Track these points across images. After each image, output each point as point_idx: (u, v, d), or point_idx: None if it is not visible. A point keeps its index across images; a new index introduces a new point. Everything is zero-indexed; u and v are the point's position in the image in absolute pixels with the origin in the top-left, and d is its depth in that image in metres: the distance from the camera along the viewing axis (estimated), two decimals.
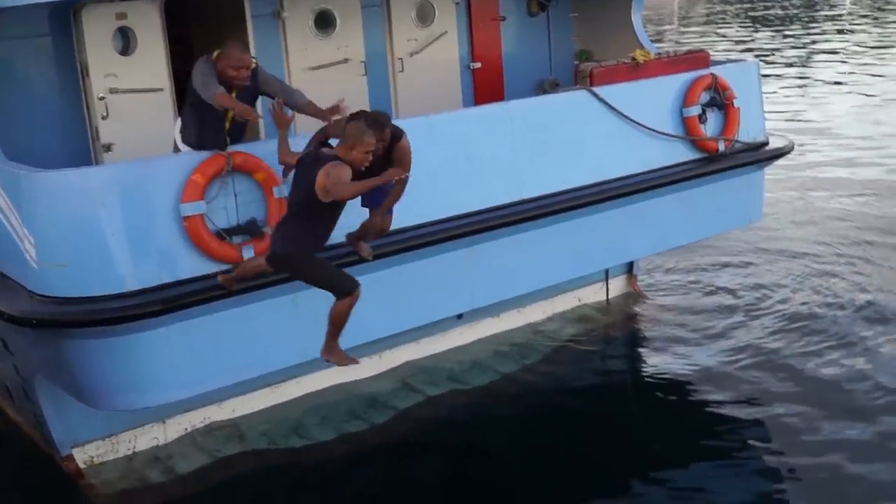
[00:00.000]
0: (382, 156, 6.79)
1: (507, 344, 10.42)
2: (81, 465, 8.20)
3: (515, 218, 8.41)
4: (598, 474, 8.05)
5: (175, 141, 7.41)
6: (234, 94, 6.96)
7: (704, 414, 9.18)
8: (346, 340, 8.14)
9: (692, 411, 9.29)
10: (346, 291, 6.45)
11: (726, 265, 12.73)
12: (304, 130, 7.53)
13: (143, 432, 8.36)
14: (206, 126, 7.08)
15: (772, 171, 11.70)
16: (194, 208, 6.97)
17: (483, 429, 8.93)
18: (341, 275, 6.55)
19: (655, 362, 10.27)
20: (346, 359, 6.91)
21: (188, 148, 7.24)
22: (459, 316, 9.95)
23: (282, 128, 6.75)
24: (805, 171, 17.73)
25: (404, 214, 7.96)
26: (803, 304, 11.33)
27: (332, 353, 6.83)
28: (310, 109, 7.28)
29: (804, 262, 12.71)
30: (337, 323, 6.62)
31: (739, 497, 7.77)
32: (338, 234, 6.97)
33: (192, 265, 7.07)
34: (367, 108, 9.79)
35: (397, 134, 6.88)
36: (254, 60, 7.20)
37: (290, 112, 6.96)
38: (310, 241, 6.44)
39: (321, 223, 6.45)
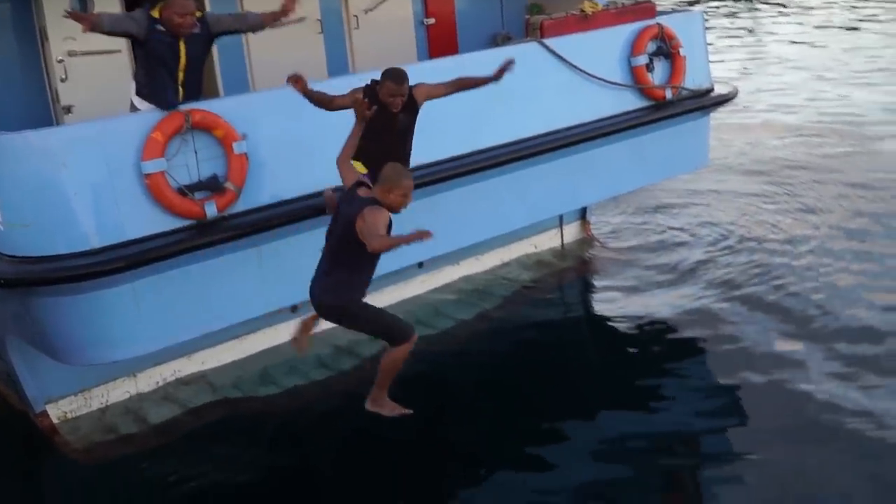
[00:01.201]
0: (403, 109, 6.66)
1: (466, 290, 10.41)
2: (55, 421, 8.10)
3: (471, 168, 8.35)
4: (554, 411, 8.04)
5: (132, 101, 7.25)
6: (182, 43, 6.80)
7: (657, 350, 9.25)
8: (306, 292, 8.14)
9: (645, 348, 9.36)
10: (403, 338, 5.89)
11: (677, 209, 12.77)
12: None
13: (115, 386, 8.26)
14: (158, 81, 6.93)
15: (718, 118, 11.72)
16: (155, 166, 6.83)
17: (445, 372, 8.92)
18: (398, 321, 5.96)
19: (609, 303, 10.30)
20: (396, 409, 6.24)
21: (146, 104, 7.08)
22: (420, 265, 9.93)
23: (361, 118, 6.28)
24: (750, 118, 17.80)
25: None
26: (753, 241, 11.41)
27: (382, 405, 6.23)
28: (268, 19, 7.13)
29: (752, 203, 12.79)
30: (390, 372, 6.02)
31: (698, 425, 7.89)
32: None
33: (155, 222, 6.94)
34: (325, 66, 9.75)
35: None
36: (198, 11, 6.95)
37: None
38: (359, 287, 5.89)
39: (368, 267, 5.92)
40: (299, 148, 7.61)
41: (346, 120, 7.03)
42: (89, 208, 6.76)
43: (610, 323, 9.95)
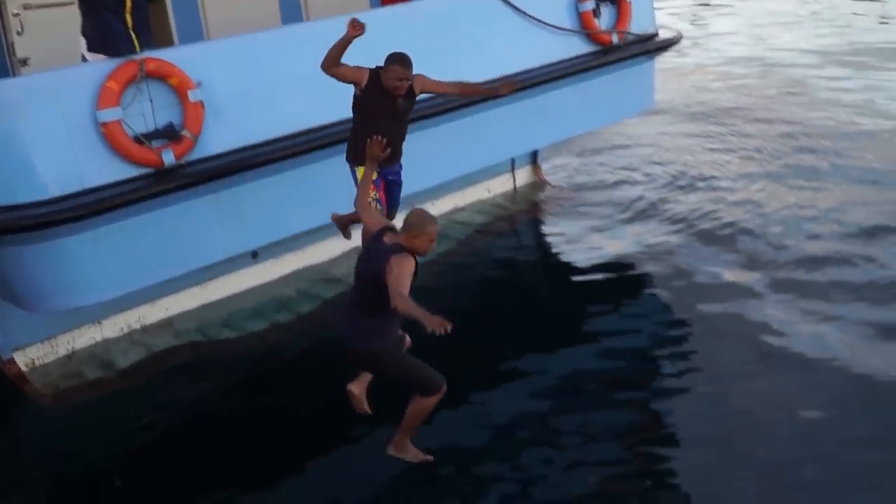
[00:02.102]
0: (405, 96, 6.44)
1: None
2: (23, 368, 7.96)
3: (426, 113, 8.25)
4: (510, 350, 8.01)
5: (82, 54, 7.07)
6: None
7: (611, 287, 9.24)
8: (265, 236, 8.08)
9: (599, 286, 9.30)
10: (433, 389, 5.56)
11: (625, 152, 12.77)
12: None
13: (81, 333, 8.13)
14: (107, 30, 6.75)
15: (663, 62, 11.70)
16: (111, 115, 6.68)
17: None
18: (429, 370, 5.59)
19: (562, 243, 10.30)
20: (419, 455, 5.91)
21: (96, 56, 6.90)
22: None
23: (372, 161, 5.94)
24: (694, 61, 17.83)
25: (320, 112, 7.80)
26: (702, 180, 11.49)
27: (406, 451, 5.90)
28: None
29: (699, 143, 12.86)
30: (416, 420, 5.69)
31: (652, 358, 7.94)
32: None
33: (113, 170, 6.81)
34: (278, 14, 9.56)
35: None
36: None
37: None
38: (388, 333, 5.55)
39: (396, 314, 5.41)
40: (255, 95, 7.48)
41: (301, 69, 6.96)
42: (48, 158, 6.62)
43: (563, 261, 9.95)
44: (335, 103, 7.80)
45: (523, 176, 11.58)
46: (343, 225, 7.01)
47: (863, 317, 8.07)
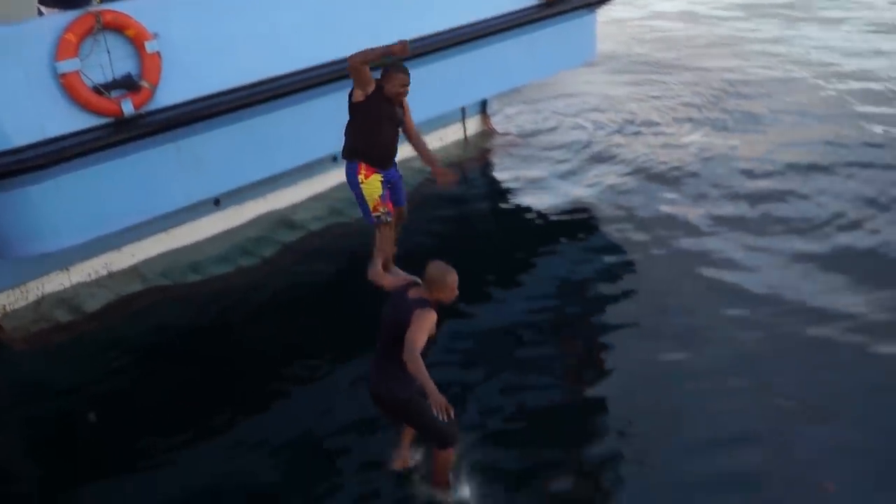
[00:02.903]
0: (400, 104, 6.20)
1: None
2: None
3: (375, 63, 8.18)
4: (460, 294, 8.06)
5: (38, 8, 6.90)
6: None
7: (559, 230, 9.30)
8: (226, 184, 8.00)
9: (547, 229, 9.34)
10: (449, 444, 5.35)
11: (571, 101, 12.80)
12: None
13: (50, 279, 8.04)
14: None
15: (604, 14, 11.68)
16: (70, 66, 6.58)
17: (360, 257, 8.84)
18: (449, 427, 5.28)
19: (511, 189, 10.32)
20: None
21: (51, 10, 6.74)
22: (335, 158, 9.77)
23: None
24: (634, 14, 17.84)
25: (276, 62, 7.72)
26: (645, 126, 11.61)
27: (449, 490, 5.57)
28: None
29: (641, 92, 12.94)
30: (444, 474, 5.47)
31: (599, 295, 8.05)
32: None
33: (73, 120, 6.73)
34: None
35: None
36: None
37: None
38: (413, 382, 5.22)
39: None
40: (211, 45, 7.39)
41: (257, 20, 6.86)
42: (9, 109, 6.51)
43: (513, 204, 9.96)
44: (290, 54, 7.78)
45: (473, 125, 11.55)
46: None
47: (796, 248, 8.29)
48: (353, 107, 6.03)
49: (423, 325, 4.94)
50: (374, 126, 6.00)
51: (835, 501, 5.43)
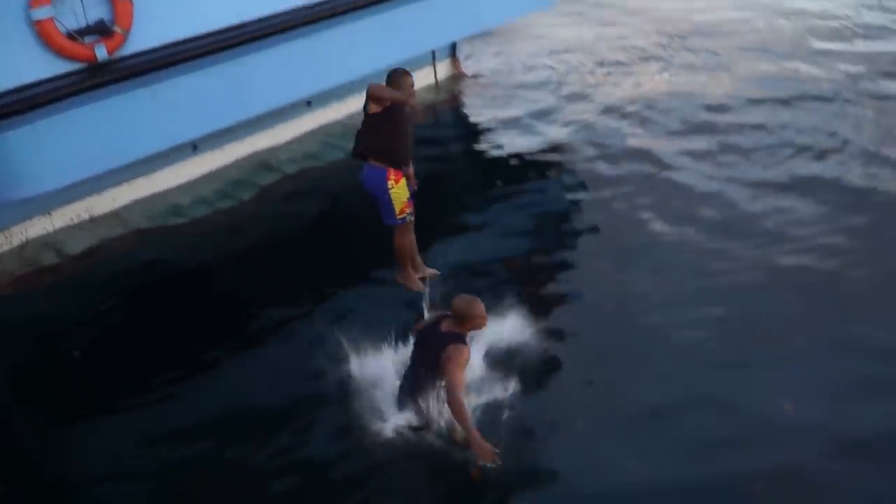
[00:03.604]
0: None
1: (353, 125, 10.13)
2: None
3: (345, 8, 8.14)
4: (428, 233, 8.02)
5: None
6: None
7: (524, 165, 9.32)
8: (202, 128, 7.95)
9: (514, 169, 9.34)
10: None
11: (539, 45, 12.68)
12: None
13: (33, 224, 8.02)
14: None
15: None
16: (43, 13, 6.50)
17: (336, 199, 8.87)
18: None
19: (482, 127, 10.32)
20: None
21: None
22: (309, 103, 9.74)
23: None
24: None
25: (251, 6, 7.65)
26: (613, 66, 11.57)
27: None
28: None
29: (605, 35, 12.83)
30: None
31: (566, 228, 8.14)
32: None
33: (49, 66, 6.67)
34: None
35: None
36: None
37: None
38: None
39: None
40: None
41: None
42: None
43: (485, 145, 9.94)
44: (258, 1, 7.70)
45: (444, 69, 11.47)
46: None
47: (759, 178, 8.43)
48: (372, 117, 6.02)
49: (460, 363, 5.00)
50: (396, 131, 6.01)
51: (795, 419, 5.57)
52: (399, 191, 6.08)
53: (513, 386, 5.78)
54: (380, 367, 5.89)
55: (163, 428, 5.90)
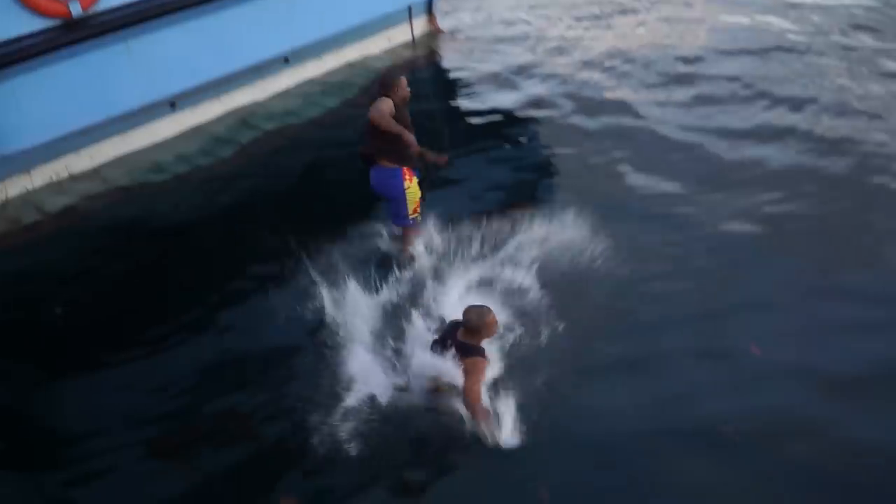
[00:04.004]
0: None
1: (329, 83, 10.12)
2: None
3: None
4: None
5: None
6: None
7: (504, 114, 9.28)
8: (179, 84, 7.81)
9: (489, 123, 9.26)
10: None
11: (511, 2, 12.56)
12: None
13: (13, 183, 7.88)
14: None
15: None
16: None
17: (317, 153, 8.78)
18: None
19: (460, 83, 10.21)
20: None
21: None
22: (287, 60, 9.59)
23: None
24: None
25: None
26: (583, 21, 11.48)
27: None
28: None
29: None
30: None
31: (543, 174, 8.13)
32: None
33: (23, 23, 6.53)
34: None
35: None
36: None
37: None
38: None
39: None
40: None
41: None
42: None
43: (463, 101, 9.84)
44: None
45: (420, 26, 11.33)
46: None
47: (729, 127, 8.42)
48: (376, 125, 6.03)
49: (479, 376, 5.06)
50: (410, 132, 6.09)
51: (762, 361, 5.61)
52: (414, 189, 6.21)
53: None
54: (362, 320, 5.85)
55: (146, 383, 5.84)
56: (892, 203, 7.02)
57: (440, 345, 5.34)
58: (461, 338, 5.24)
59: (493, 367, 5.40)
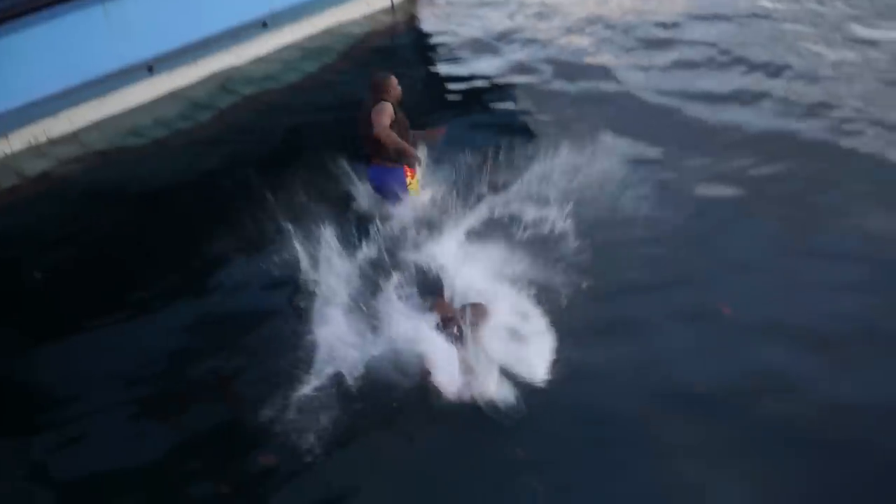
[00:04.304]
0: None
1: (308, 48, 9.98)
2: None
3: None
4: None
5: None
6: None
7: (484, 79, 9.19)
8: (159, 47, 7.66)
9: (477, 81, 9.20)
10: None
11: None
12: None
13: None
14: None
15: None
16: None
17: (294, 117, 8.66)
18: None
19: (440, 49, 10.12)
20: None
21: None
22: (265, 24, 9.43)
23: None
24: None
25: None
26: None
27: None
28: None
29: None
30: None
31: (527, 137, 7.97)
32: None
33: None
34: None
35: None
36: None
37: None
38: None
39: None
40: None
41: None
42: None
43: (443, 67, 9.75)
44: None
45: None
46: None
47: (708, 91, 8.40)
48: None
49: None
50: (402, 136, 6.26)
51: (733, 321, 5.61)
52: (415, 185, 6.37)
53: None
54: (346, 279, 5.80)
55: (126, 347, 5.78)
56: (865, 165, 7.02)
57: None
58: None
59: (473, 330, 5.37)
